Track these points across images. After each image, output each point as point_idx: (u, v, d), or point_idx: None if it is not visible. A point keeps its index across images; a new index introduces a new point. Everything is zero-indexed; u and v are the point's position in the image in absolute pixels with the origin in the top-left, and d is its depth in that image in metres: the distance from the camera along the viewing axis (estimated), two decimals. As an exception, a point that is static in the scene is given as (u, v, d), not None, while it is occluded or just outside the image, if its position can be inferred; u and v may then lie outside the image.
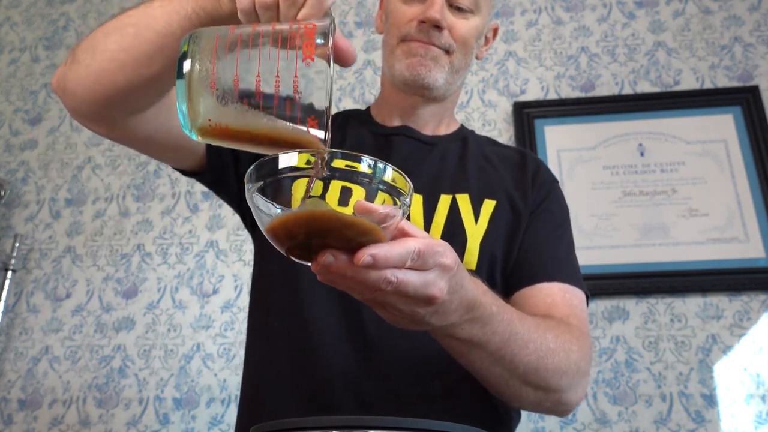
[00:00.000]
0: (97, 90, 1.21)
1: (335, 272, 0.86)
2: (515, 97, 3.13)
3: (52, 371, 2.87)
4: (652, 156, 2.89)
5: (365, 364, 1.38)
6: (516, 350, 1.15)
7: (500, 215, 1.54)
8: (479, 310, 1.05)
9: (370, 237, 0.84)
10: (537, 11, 3.30)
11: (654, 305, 2.65)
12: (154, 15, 1.12)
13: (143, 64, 1.15)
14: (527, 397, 1.28)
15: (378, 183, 0.85)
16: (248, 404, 1.49)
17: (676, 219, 2.76)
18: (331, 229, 0.83)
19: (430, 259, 0.89)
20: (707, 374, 2.52)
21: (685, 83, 3.04)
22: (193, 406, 2.73)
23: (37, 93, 3.51)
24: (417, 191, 1.50)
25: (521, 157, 1.70)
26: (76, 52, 1.23)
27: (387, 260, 0.84)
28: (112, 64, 1.18)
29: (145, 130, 1.33)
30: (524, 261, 1.51)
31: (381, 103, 1.78)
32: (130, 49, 1.15)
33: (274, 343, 1.47)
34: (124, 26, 1.17)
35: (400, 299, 0.92)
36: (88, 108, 1.26)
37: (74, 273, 3.06)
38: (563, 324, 1.34)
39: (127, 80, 1.18)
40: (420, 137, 1.67)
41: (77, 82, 1.23)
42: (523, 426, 2.52)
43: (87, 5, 3.69)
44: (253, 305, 1.61)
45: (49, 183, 3.27)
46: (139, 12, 1.16)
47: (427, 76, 1.57)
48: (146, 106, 1.27)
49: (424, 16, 1.55)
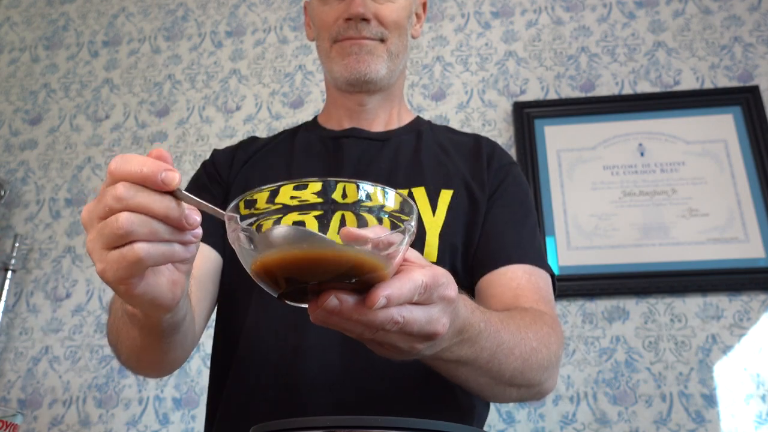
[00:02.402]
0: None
1: (340, 317, 0.81)
2: (515, 97, 3.12)
3: (52, 371, 2.87)
4: (652, 156, 2.89)
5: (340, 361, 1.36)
6: (502, 359, 1.14)
7: (458, 204, 1.52)
8: (469, 332, 1.03)
9: (376, 274, 0.77)
10: (537, 11, 3.30)
11: (654, 305, 2.65)
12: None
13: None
14: (510, 396, 1.28)
15: (377, 210, 0.78)
16: (222, 406, 1.45)
17: (676, 219, 2.76)
18: (335, 270, 0.76)
19: (434, 293, 0.85)
20: (707, 374, 2.52)
21: (685, 83, 3.04)
22: (193, 406, 2.72)
23: (36, 93, 3.51)
24: None
25: (476, 143, 1.68)
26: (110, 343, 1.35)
27: (399, 299, 0.80)
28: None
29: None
30: (486, 246, 1.50)
31: (328, 108, 1.76)
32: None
33: (244, 343, 1.45)
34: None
35: (402, 338, 0.88)
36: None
37: (74, 273, 3.05)
38: (537, 314, 1.32)
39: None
40: (370, 136, 1.65)
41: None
42: (523, 426, 2.53)
43: (87, 5, 3.69)
44: (223, 303, 1.58)
45: (49, 183, 3.26)
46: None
47: (368, 71, 1.57)
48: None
49: (348, 12, 1.55)
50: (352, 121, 1.68)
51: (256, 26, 3.48)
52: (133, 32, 3.58)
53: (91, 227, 0.81)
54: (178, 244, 0.82)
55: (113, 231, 0.77)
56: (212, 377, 1.55)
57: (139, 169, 0.77)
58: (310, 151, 1.64)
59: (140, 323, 1.04)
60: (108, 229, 0.77)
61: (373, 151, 1.61)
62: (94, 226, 0.80)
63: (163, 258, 0.81)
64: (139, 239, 0.78)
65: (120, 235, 0.77)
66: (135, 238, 0.77)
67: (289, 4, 3.51)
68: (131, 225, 0.76)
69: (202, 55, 3.46)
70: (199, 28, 3.53)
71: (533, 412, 2.54)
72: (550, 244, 2.77)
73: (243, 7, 3.53)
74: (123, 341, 1.22)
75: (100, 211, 0.78)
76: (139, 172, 0.77)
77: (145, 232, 0.78)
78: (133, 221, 0.76)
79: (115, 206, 0.77)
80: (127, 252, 0.78)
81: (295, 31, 3.43)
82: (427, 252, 1.44)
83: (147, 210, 0.77)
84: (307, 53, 3.37)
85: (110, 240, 0.78)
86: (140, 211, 0.77)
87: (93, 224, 0.80)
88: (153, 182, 0.77)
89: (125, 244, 0.78)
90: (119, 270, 0.79)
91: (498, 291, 1.42)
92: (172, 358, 1.27)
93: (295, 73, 3.34)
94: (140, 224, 0.77)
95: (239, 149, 1.70)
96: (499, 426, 2.53)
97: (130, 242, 0.78)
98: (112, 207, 0.77)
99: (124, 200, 0.76)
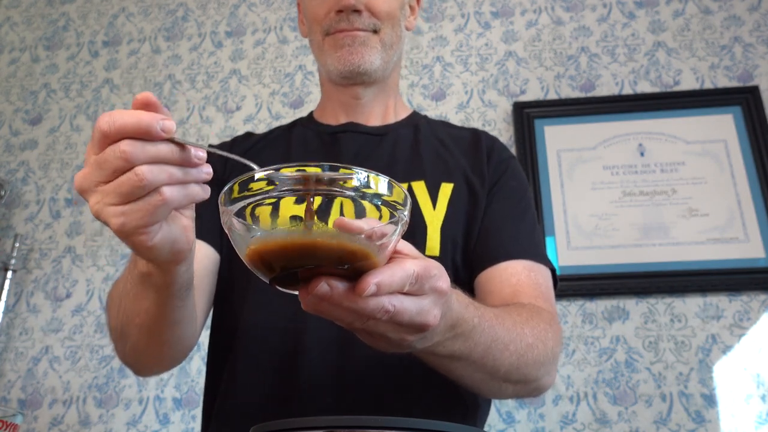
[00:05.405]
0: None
1: (330, 303, 0.80)
2: (515, 97, 3.12)
3: (52, 371, 2.87)
4: (652, 156, 2.89)
5: (338, 360, 1.35)
6: (497, 355, 1.13)
7: (458, 198, 1.52)
8: (462, 326, 1.02)
9: (367, 261, 0.78)
10: (537, 11, 3.30)
11: (654, 305, 2.65)
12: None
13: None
14: (506, 392, 1.28)
15: (371, 197, 0.79)
16: (218, 406, 1.45)
17: (676, 219, 2.76)
18: (328, 257, 0.76)
19: (426, 284, 0.85)
20: (707, 374, 2.52)
21: (685, 83, 3.04)
22: (193, 406, 2.72)
23: (37, 93, 3.51)
24: None
25: (475, 136, 1.68)
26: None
27: (390, 287, 0.80)
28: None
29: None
30: (486, 241, 1.49)
31: (323, 103, 1.76)
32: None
33: (243, 342, 1.45)
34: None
35: (392, 327, 0.87)
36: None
37: (74, 273, 3.06)
38: (534, 310, 1.32)
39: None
40: (367, 130, 1.65)
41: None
42: (523, 426, 2.52)
43: (87, 5, 3.69)
44: (220, 302, 1.57)
45: (50, 183, 3.26)
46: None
47: (362, 62, 1.56)
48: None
49: (340, 4, 1.54)
50: (348, 116, 1.68)
51: (256, 26, 3.48)
52: (134, 32, 3.58)
53: (94, 191, 0.81)
54: (194, 184, 0.84)
55: (134, 184, 0.78)
56: (209, 376, 1.55)
57: (136, 123, 0.78)
58: (308, 146, 1.64)
59: (156, 284, 1.05)
60: (126, 185, 0.78)
61: (371, 145, 1.61)
62: (99, 189, 0.80)
63: (186, 199, 0.83)
64: (162, 185, 0.79)
65: (141, 186, 0.78)
66: (157, 185, 0.79)
67: (289, 4, 3.51)
68: (152, 175, 0.78)
69: (202, 55, 3.46)
70: (199, 28, 3.53)
71: (533, 412, 2.54)
72: (550, 244, 2.77)
73: (243, 7, 3.53)
74: (132, 320, 1.19)
75: (107, 174, 0.79)
76: (137, 126, 0.78)
77: (165, 177, 0.79)
78: (152, 170, 0.78)
79: (123, 165, 0.78)
80: (153, 198, 0.79)
81: (295, 31, 3.43)
82: (429, 246, 1.44)
83: (159, 159, 0.79)
84: (307, 53, 3.37)
85: (129, 195, 0.79)
86: (153, 162, 0.79)
87: (95, 188, 0.81)
88: (154, 133, 0.78)
89: (146, 195, 0.79)
90: (144, 217, 0.81)
91: (497, 287, 1.42)
92: (177, 336, 1.26)
93: (295, 74, 3.34)
94: (159, 172, 0.79)
95: (234, 145, 1.69)
96: (499, 426, 2.53)
97: (154, 190, 0.79)
98: (121, 167, 0.78)
99: (132, 156, 0.77)
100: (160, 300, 1.10)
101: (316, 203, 0.78)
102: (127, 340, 1.27)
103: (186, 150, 0.82)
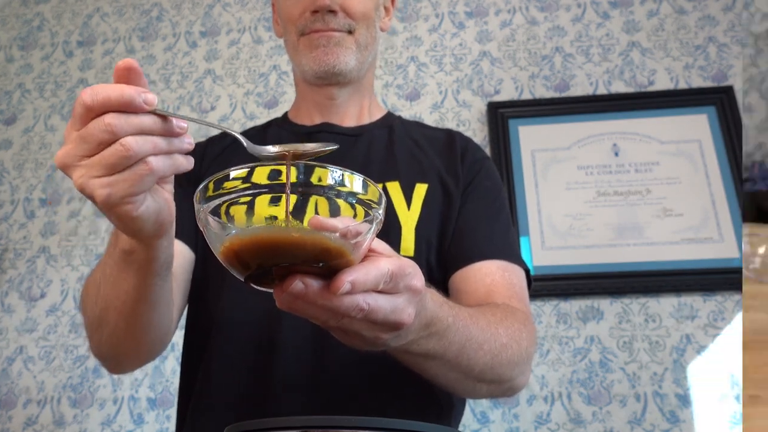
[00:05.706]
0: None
1: (305, 301, 0.81)
2: (489, 97, 3.12)
3: (26, 371, 2.85)
4: (626, 156, 2.89)
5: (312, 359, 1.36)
6: (471, 354, 1.14)
7: (433, 198, 1.52)
8: (436, 325, 1.03)
9: (342, 260, 0.79)
10: (511, 11, 3.30)
11: (628, 305, 2.65)
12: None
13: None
14: (480, 391, 1.28)
15: (346, 195, 0.80)
16: (193, 406, 1.45)
17: (651, 219, 2.76)
18: (303, 255, 0.76)
19: (401, 282, 0.86)
20: (681, 374, 2.52)
21: (660, 83, 3.04)
22: (168, 406, 2.72)
23: (11, 93, 3.49)
24: None
25: (449, 137, 1.69)
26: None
27: (364, 285, 0.80)
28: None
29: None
30: (461, 241, 1.50)
31: (298, 103, 1.76)
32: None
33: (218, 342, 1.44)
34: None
35: (367, 325, 0.87)
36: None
37: (49, 273, 3.04)
38: (509, 310, 1.32)
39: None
40: (342, 131, 1.65)
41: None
42: (497, 426, 2.53)
43: (62, 5, 3.68)
44: (194, 300, 1.56)
45: (24, 183, 3.25)
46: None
47: (337, 62, 1.56)
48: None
49: (315, 5, 1.54)
50: (323, 116, 1.68)
51: (231, 26, 3.47)
52: (108, 32, 3.56)
53: (77, 166, 0.82)
54: (178, 155, 0.86)
55: (121, 155, 0.79)
56: (183, 376, 1.55)
57: (119, 95, 0.80)
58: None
59: (138, 261, 1.05)
60: (113, 156, 0.80)
61: (346, 146, 1.60)
62: (83, 164, 0.82)
63: (171, 168, 0.85)
64: (147, 155, 0.81)
65: (127, 156, 0.79)
66: (143, 155, 0.81)
67: (263, 4, 3.50)
68: (137, 145, 0.80)
69: (176, 55, 3.45)
70: (173, 28, 3.52)
71: (507, 412, 2.54)
72: (524, 244, 2.77)
73: (217, 8, 3.52)
74: (111, 304, 1.18)
75: (91, 147, 0.81)
76: (120, 99, 0.80)
77: (150, 147, 0.81)
78: (137, 140, 0.80)
79: (108, 138, 0.79)
80: (139, 167, 0.81)
81: (269, 31, 3.43)
82: (404, 247, 1.44)
83: (143, 130, 0.81)
84: (281, 53, 3.37)
85: (115, 166, 0.81)
86: (137, 133, 0.80)
87: (79, 163, 0.82)
88: (137, 105, 0.80)
89: (132, 165, 0.81)
90: (131, 187, 0.82)
91: (471, 287, 1.42)
92: (156, 321, 1.25)
93: (270, 74, 3.33)
94: (144, 142, 0.81)
95: (209, 145, 1.69)
96: (474, 426, 2.53)
97: (140, 160, 0.81)
98: (106, 140, 0.80)
99: (117, 129, 0.79)
100: (141, 279, 1.10)
101: (291, 202, 0.79)
102: (105, 328, 1.25)
103: (168, 121, 0.83)
